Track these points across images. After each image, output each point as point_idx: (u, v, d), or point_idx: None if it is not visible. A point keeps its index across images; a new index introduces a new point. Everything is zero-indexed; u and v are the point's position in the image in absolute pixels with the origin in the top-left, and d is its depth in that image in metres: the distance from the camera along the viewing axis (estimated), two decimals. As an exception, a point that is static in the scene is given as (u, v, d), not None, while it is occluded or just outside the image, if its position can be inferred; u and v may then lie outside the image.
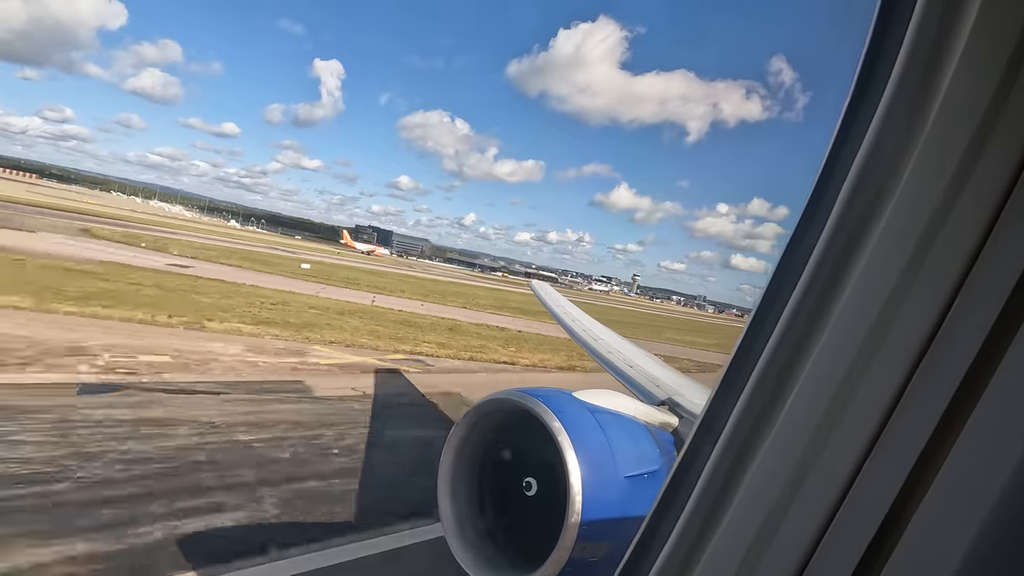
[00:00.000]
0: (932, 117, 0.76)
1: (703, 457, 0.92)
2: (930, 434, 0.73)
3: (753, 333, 0.91)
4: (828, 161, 0.87)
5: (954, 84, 0.74)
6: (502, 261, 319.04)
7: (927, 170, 0.77)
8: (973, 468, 0.67)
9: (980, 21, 0.72)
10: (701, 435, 0.95)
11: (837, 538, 0.78)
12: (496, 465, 3.02)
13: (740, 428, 0.88)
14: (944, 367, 0.74)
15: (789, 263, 0.88)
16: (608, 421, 2.91)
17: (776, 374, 0.86)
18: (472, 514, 2.95)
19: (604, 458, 2.66)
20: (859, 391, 0.79)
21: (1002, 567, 0.65)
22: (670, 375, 5.61)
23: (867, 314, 0.80)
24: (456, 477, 2.97)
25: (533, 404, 2.72)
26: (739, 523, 0.86)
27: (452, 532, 2.87)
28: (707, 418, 0.95)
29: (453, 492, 2.96)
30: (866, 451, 0.77)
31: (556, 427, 2.60)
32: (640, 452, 2.87)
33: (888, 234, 0.78)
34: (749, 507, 0.86)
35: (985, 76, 0.73)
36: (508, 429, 2.96)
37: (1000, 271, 0.71)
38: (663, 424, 3.32)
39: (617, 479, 2.65)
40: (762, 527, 0.84)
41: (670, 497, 0.97)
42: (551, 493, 2.69)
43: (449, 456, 2.97)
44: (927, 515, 0.70)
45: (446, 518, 2.90)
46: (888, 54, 0.80)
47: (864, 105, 0.83)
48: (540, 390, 2.89)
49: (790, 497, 0.82)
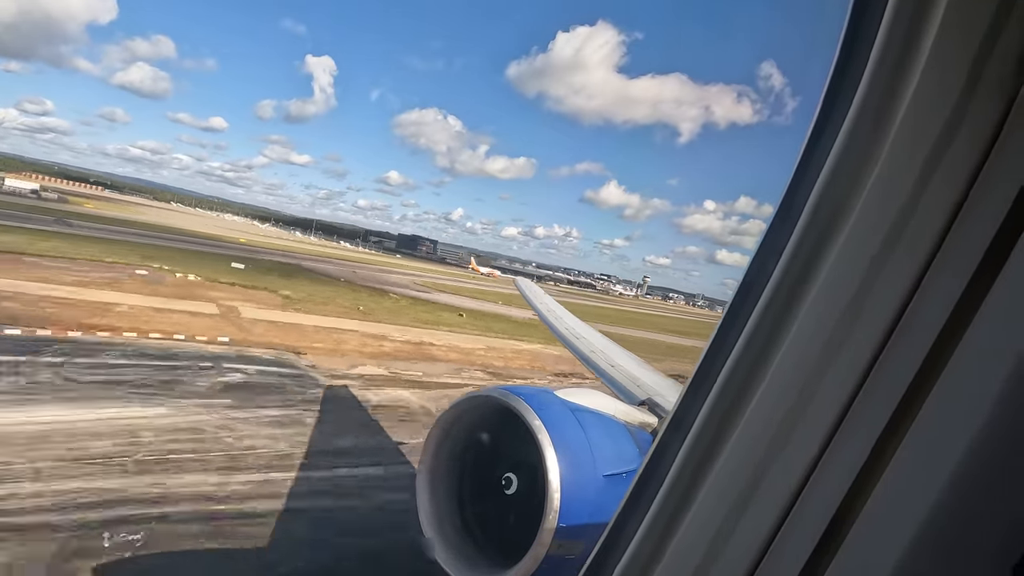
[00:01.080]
0: (900, 116, 0.79)
1: (671, 456, 0.94)
2: (877, 436, 0.76)
3: (720, 338, 0.93)
4: (801, 161, 0.89)
5: (921, 85, 0.77)
6: (532, 264, 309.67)
7: (895, 167, 0.79)
8: (916, 470, 0.71)
9: (946, 22, 0.74)
10: (670, 434, 0.97)
11: (791, 534, 0.81)
12: (477, 462, 3.03)
13: (706, 428, 0.90)
14: (894, 372, 0.77)
15: (760, 266, 0.91)
16: (589, 420, 2.93)
17: (741, 377, 0.89)
18: (451, 510, 2.96)
19: (583, 457, 2.69)
20: (816, 394, 0.82)
21: (943, 561, 0.69)
22: (650, 375, 5.67)
23: (825, 324, 0.83)
24: (436, 473, 2.97)
25: (515, 402, 2.73)
26: (703, 519, 0.89)
27: (431, 528, 2.87)
28: (675, 418, 0.97)
29: (433, 488, 2.95)
30: (820, 451, 0.81)
31: (537, 425, 2.61)
32: (619, 451, 2.90)
33: (856, 232, 0.81)
34: (712, 504, 0.88)
35: (950, 78, 0.76)
36: (490, 426, 2.96)
37: (956, 269, 0.75)
38: (642, 424, 3.35)
39: (596, 478, 2.68)
40: (722, 524, 0.86)
41: (638, 495, 0.99)
42: (531, 490, 2.70)
43: (430, 451, 2.97)
44: (873, 512, 0.74)
45: (425, 514, 2.90)
46: (859, 55, 0.82)
47: (836, 106, 0.85)
48: (523, 388, 2.90)
49: (750, 494, 0.85)
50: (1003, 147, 0.73)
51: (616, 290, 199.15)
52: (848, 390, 0.79)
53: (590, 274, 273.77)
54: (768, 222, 0.93)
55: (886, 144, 0.79)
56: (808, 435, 0.81)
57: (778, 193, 0.95)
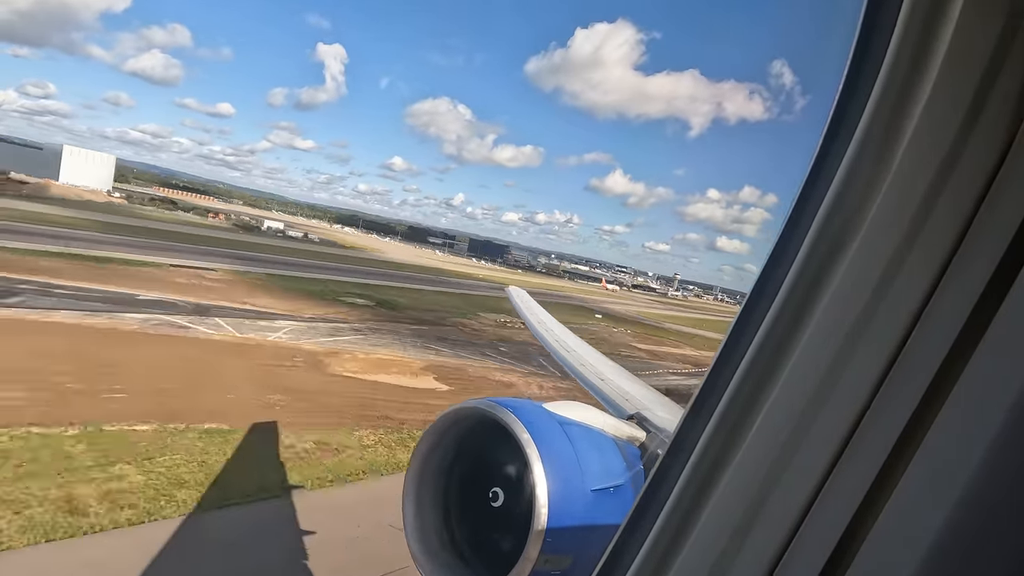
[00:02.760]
0: (915, 120, 0.79)
1: (675, 473, 0.93)
2: (888, 453, 0.75)
3: (729, 348, 0.93)
4: (810, 174, 0.89)
5: (938, 84, 0.77)
6: (561, 259, 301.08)
7: (907, 176, 0.79)
8: (925, 491, 0.70)
9: (962, 21, 0.75)
10: (674, 452, 0.95)
11: (796, 557, 0.80)
12: (464, 474, 2.99)
13: (710, 446, 0.89)
14: (904, 387, 0.76)
15: (768, 279, 0.90)
16: (577, 434, 2.91)
17: (746, 395, 0.87)
18: (437, 523, 2.91)
19: (571, 471, 2.67)
20: (826, 408, 0.81)
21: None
22: (640, 389, 5.66)
23: (836, 338, 0.82)
24: (422, 485, 2.93)
25: (503, 414, 2.71)
26: (706, 539, 0.87)
27: (416, 541, 2.83)
28: (679, 435, 0.96)
29: (418, 500, 2.91)
30: (830, 467, 0.79)
31: (525, 438, 2.59)
32: (607, 466, 2.88)
33: (868, 242, 0.80)
34: (716, 523, 0.87)
35: (968, 74, 0.76)
36: (477, 438, 2.94)
37: (970, 279, 0.74)
38: (631, 438, 3.34)
39: (584, 492, 2.66)
40: (727, 544, 0.85)
41: (641, 511, 0.98)
42: (518, 504, 2.68)
43: (416, 464, 2.93)
44: (884, 529, 0.72)
45: (410, 526, 2.86)
46: (875, 54, 0.82)
47: (850, 109, 0.85)
48: (511, 400, 2.88)
49: (756, 512, 0.84)
50: (1018, 155, 0.74)
51: (674, 293, 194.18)
52: (860, 403, 0.79)
53: (618, 266, 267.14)
54: (777, 233, 0.93)
55: (899, 151, 0.79)
56: (820, 445, 0.80)
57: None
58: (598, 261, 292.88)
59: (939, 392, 0.73)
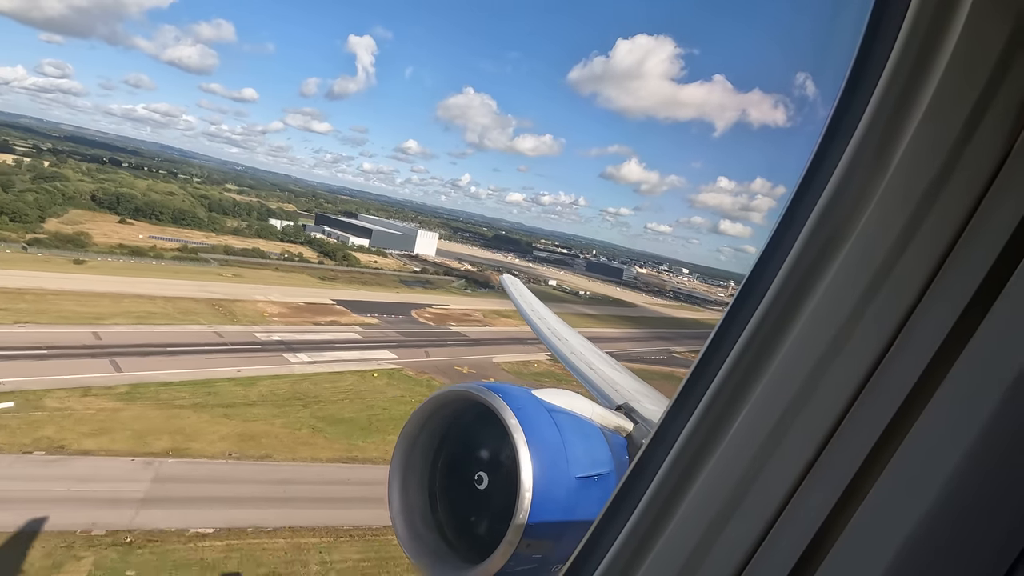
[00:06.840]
0: (915, 123, 0.78)
1: (656, 463, 0.93)
2: (871, 447, 0.76)
3: (717, 341, 0.93)
4: (807, 173, 0.89)
5: (939, 91, 0.77)
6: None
7: (902, 181, 0.79)
8: (904, 484, 0.71)
9: (968, 27, 0.74)
10: (656, 443, 0.96)
11: (771, 550, 0.81)
12: (450, 458, 3.01)
13: (693, 438, 0.90)
14: (891, 383, 0.77)
15: (760, 274, 0.90)
16: (564, 421, 2.93)
17: (735, 383, 0.88)
18: (422, 505, 2.94)
19: (557, 457, 2.69)
20: (811, 401, 0.81)
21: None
22: (629, 381, 5.70)
23: (825, 333, 0.82)
24: (408, 468, 2.95)
25: (491, 398, 2.71)
26: (683, 529, 0.88)
27: (401, 522, 2.85)
28: (663, 426, 0.96)
29: (404, 483, 2.93)
30: (812, 459, 0.80)
31: (513, 424, 2.60)
32: (593, 454, 2.90)
33: (860, 242, 0.80)
34: (694, 515, 0.88)
35: (970, 81, 0.75)
36: (465, 422, 2.95)
37: (959, 284, 0.74)
38: (617, 428, 3.37)
39: (568, 479, 2.68)
40: (703, 536, 0.86)
41: (621, 499, 0.99)
42: (502, 488, 2.70)
43: (403, 446, 2.94)
44: (862, 523, 0.74)
45: (395, 508, 2.88)
46: (878, 57, 0.82)
47: (850, 112, 0.84)
48: (500, 385, 2.89)
49: (736, 500, 0.85)
50: (1016, 160, 0.74)
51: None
52: (845, 397, 0.79)
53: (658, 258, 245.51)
54: (771, 231, 0.93)
55: (896, 156, 0.79)
56: (801, 442, 0.81)
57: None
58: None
59: (919, 398, 0.74)
